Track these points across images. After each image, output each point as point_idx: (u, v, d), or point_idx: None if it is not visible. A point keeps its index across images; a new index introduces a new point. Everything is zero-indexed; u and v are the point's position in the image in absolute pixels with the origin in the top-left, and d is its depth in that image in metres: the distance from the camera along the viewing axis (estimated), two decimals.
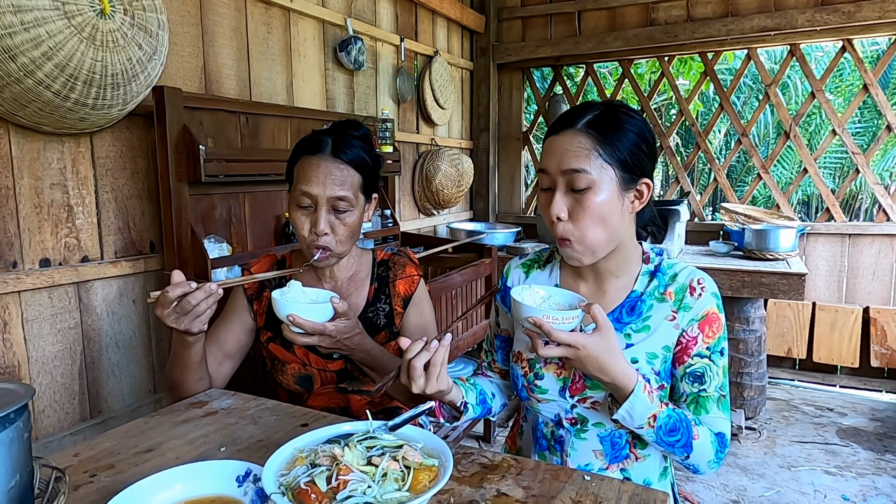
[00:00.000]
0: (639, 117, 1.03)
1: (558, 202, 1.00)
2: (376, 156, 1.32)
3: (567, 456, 1.10)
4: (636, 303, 1.08)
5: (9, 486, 0.66)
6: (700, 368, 1.04)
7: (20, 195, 1.61)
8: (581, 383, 1.08)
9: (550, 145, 1.02)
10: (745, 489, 2.45)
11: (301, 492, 0.73)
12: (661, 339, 1.05)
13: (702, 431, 1.01)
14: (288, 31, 2.47)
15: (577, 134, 0.99)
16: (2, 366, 1.58)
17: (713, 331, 1.04)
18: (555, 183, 1.01)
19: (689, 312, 1.05)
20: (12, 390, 0.74)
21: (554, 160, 1.00)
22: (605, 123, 0.99)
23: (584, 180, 0.97)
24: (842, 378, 3.53)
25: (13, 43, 1.38)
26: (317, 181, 1.21)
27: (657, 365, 1.05)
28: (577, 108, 1.03)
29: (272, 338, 1.34)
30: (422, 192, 3.50)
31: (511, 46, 4.03)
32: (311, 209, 1.23)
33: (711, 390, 1.04)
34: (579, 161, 0.97)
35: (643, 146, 1.01)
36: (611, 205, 0.99)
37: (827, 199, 3.55)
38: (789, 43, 3.45)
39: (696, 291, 1.05)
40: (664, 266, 1.10)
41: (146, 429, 1.07)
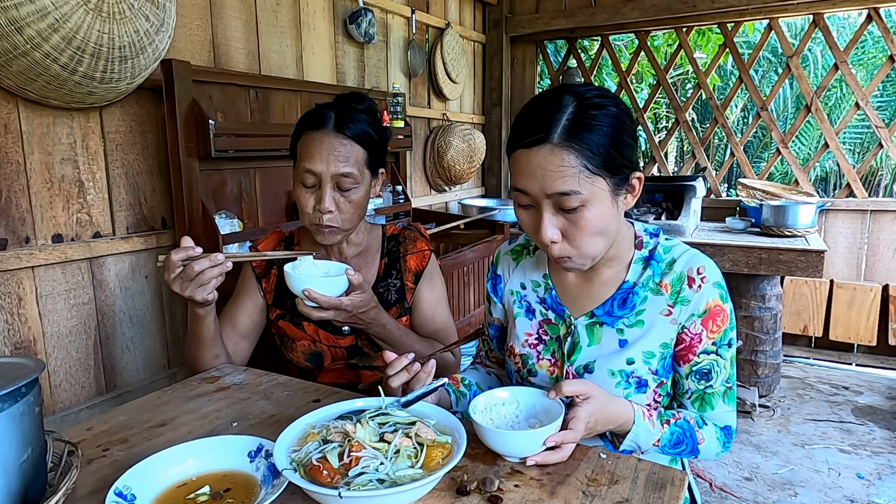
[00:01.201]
0: (612, 101, 0.89)
1: (549, 226, 0.89)
2: (382, 129, 1.28)
3: None
4: (628, 294, 1.00)
5: (21, 459, 0.66)
6: (707, 365, 0.98)
7: (31, 170, 1.60)
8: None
9: (524, 163, 0.87)
10: (757, 467, 2.44)
11: (313, 468, 0.72)
12: (657, 336, 0.98)
13: (706, 433, 0.98)
14: (297, 2, 2.42)
15: (557, 150, 0.85)
16: (17, 341, 1.59)
17: (718, 325, 0.97)
18: (538, 203, 0.89)
19: (688, 307, 0.96)
20: (23, 364, 0.73)
21: (535, 182, 0.87)
22: (582, 127, 0.85)
23: (575, 200, 0.86)
24: (858, 356, 3.49)
25: (19, 14, 1.35)
26: (320, 158, 1.17)
27: (654, 364, 0.99)
28: (541, 109, 0.88)
29: (281, 315, 1.33)
30: (433, 167, 3.46)
31: (524, 18, 3.94)
32: (316, 187, 1.20)
33: (718, 385, 1.00)
34: (566, 183, 0.85)
35: (626, 137, 0.89)
36: (605, 215, 0.89)
37: (848, 174, 3.47)
38: (813, 12, 3.34)
39: (696, 283, 0.96)
40: (659, 252, 1.01)
41: (159, 403, 1.07)
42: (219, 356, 1.24)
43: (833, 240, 3.47)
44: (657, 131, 7.70)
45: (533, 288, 1.11)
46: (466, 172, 3.57)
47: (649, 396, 1.01)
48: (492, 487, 0.78)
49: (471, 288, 2.45)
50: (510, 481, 0.81)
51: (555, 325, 1.07)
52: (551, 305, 1.07)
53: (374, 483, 0.71)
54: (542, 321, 1.09)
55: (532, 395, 0.95)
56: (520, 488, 0.79)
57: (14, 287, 1.58)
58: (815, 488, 2.28)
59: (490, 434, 0.84)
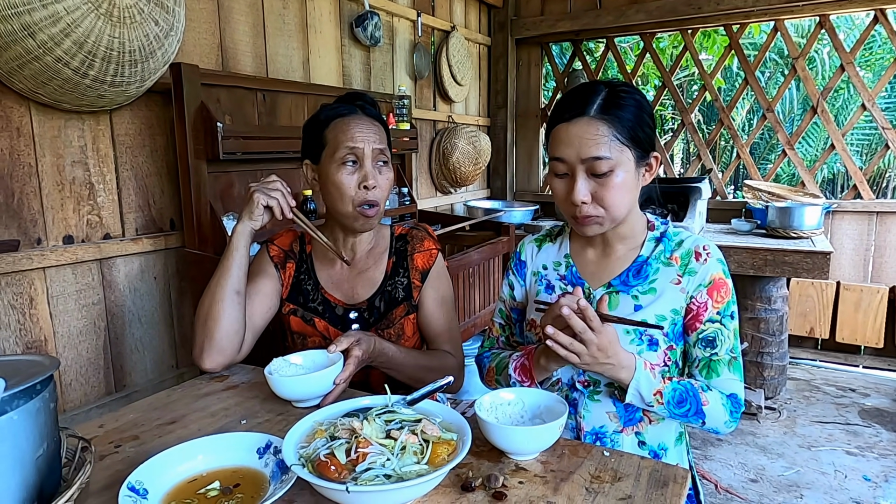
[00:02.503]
0: (637, 91, 1.06)
1: (581, 188, 1.02)
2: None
3: (581, 418, 1.11)
4: (642, 266, 1.11)
5: (36, 454, 0.68)
6: (712, 333, 1.07)
7: (42, 172, 1.63)
8: None
9: (564, 134, 1.03)
10: (763, 468, 2.43)
11: (321, 463, 0.73)
12: (668, 301, 1.08)
13: (711, 397, 1.04)
14: (304, 6, 2.44)
15: (592, 121, 1.01)
16: (29, 341, 1.62)
17: (721, 296, 1.07)
18: (574, 170, 1.03)
19: (695, 277, 1.08)
20: (38, 362, 0.75)
21: (573, 149, 1.02)
22: (615, 105, 1.02)
23: (606, 165, 1.00)
24: (865, 359, 3.48)
25: (32, 20, 1.38)
26: (361, 136, 1.23)
27: (665, 326, 1.08)
28: (579, 93, 1.05)
29: (293, 310, 1.35)
30: (439, 169, 3.48)
31: (530, 21, 3.95)
32: (357, 165, 1.24)
33: (723, 353, 1.07)
34: (599, 148, 1.00)
35: (647, 119, 1.05)
36: (629, 182, 1.04)
37: (854, 175, 3.46)
38: (818, 14, 3.34)
39: (702, 257, 1.08)
40: (670, 233, 1.14)
41: (169, 402, 1.09)
42: (240, 293, 1.20)
43: (839, 241, 3.46)
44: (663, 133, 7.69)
45: (554, 268, 1.21)
46: (472, 174, 3.58)
47: (659, 356, 1.08)
48: (496, 484, 0.79)
49: (476, 289, 2.46)
50: (514, 478, 0.82)
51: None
52: (571, 280, 1.18)
53: (381, 478, 0.72)
54: (561, 294, 1.13)
55: (537, 396, 0.96)
56: (524, 485, 0.80)
57: (26, 287, 1.60)
58: (822, 490, 2.28)
59: (495, 431, 0.85)
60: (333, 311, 1.33)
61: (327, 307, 1.33)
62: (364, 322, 1.33)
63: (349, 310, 1.33)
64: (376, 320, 1.33)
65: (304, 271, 1.36)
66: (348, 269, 1.36)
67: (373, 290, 1.34)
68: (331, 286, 1.35)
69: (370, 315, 1.33)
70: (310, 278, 1.35)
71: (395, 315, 1.33)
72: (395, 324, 1.33)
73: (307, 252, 1.38)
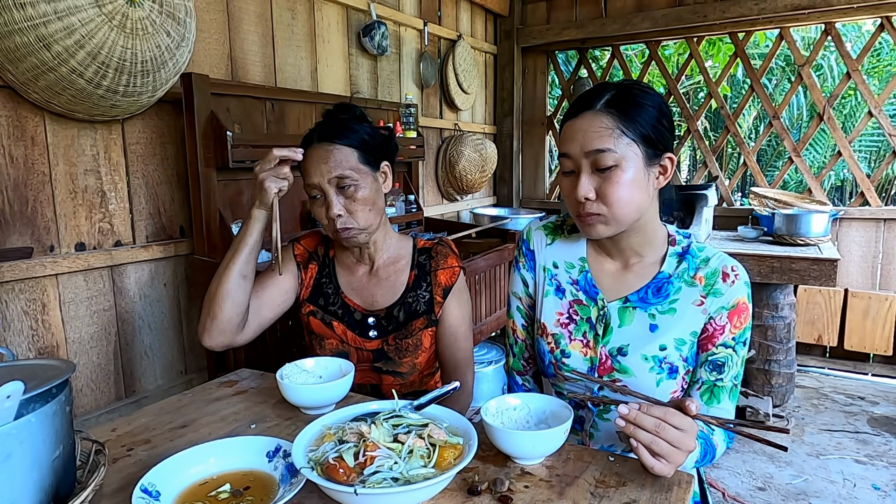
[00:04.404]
0: (654, 92, 1.02)
1: (585, 183, 0.98)
2: (374, 129, 1.32)
3: (589, 437, 1.10)
4: (663, 284, 1.06)
5: (53, 456, 0.69)
6: (722, 358, 1.02)
7: (56, 181, 1.65)
8: (608, 364, 1.07)
9: (570, 129, 1.01)
10: (771, 476, 2.42)
11: (330, 467, 0.75)
12: (688, 324, 1.04)
13: (718, 439, 1.00)
14: (312, 16, 2.47)
15: (598, 114, 0.98)
16: (41, 346, 1.64)
17: (741, 321, 1.03)
18: (579, 165, 0.99)
19: (720, 299, 1.02)
20: (54, 366, 0.77)
21: (576, 143, 0.99)
22: (623, 101, 0.98)
23: (610, 158, 0.96)
24: (874, 366, 3.45)
25: (47, 31, 1.41)
26: (314, 170, 1.23)
27: (685, 351, 1.04)
28: (592, 90, 1.02)
29: (313, 312, 1.37)
30: (445, 177, 3.50)
31: (535, 29, 3.98)
32: (321, 197, 1.25)
33: (727, 380, 1.03)
34: (603, 141, 0.96)
35: (663, 120, 1.00)
36: (637, 181, 0.98)
37: (861, 182, 3.45)
38: (824, 21, 3.34)
39: (730, 278, 1.03)
40: (694, 249, 1.08)
41: (179, 406, 1.11)
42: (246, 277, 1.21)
43: (847, 248, 3.45)
44: None
45: (566, 269, 1.15)
46: (478, 182, 3.60)
47: (678, 383, 1.05)
48: (502, 488, 0.80)
49: (483, 296, 2.47)
50: (520, 482, 0.83)
51: (585, 307, 1.11)
52: (584, 287, 1.12)
53: (389, 481, 0.73)
54: (573, 301, 1.12)
55: (542, 402, 0.97)
56: (529, 489, 0.81)
57: (39, 294, 1.63)
58: (830, 499, 2.26)
59: (501, 435, 0.86)
60: (352, 315, 1.35)
61: (346, 311, 1.36)
62: (382, 329, 1.35)
63: (367, 316, 1.35)
64: (394, 329, 1.35)
65: (325, 274, 1.39)
66: (369, 275, 1.38)
67: (393, 300, 1.35)
68: (351, 291, 1.37)
69: (388, 323, 1.35)
70: (331, 282, 1.38)
71: (415, 327, 1.34)
72: (413, 335, 1.34)
73: (330, 256, 1.41)
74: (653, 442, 0.79)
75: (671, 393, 1.04)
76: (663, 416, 0.80)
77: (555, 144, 4.33)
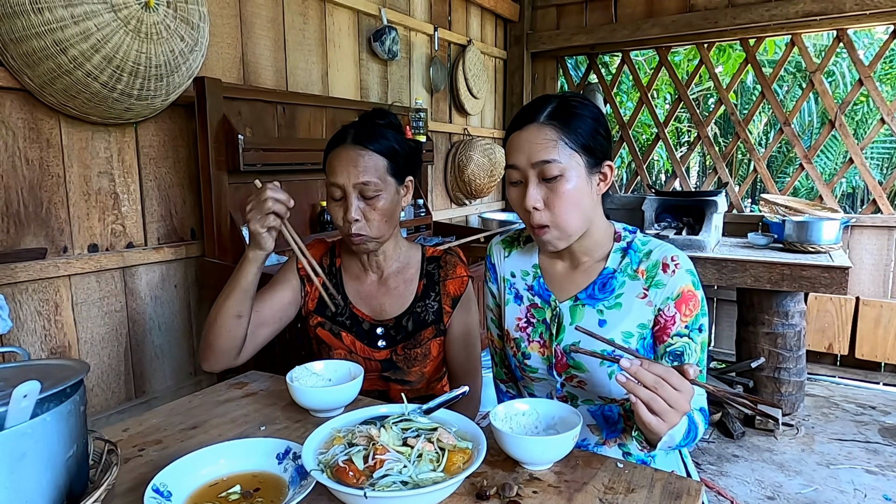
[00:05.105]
0: (592, 104, 1.07)
1: (533, 193, 1.03)
2: (405, 140, 1.32)
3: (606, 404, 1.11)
4: (608, 279, 1.10)
5: (67, 455, 0.70)
6: (679, 347, 1.05)
7: (70, 183, 1.67)
8: (564, 361, 1.11)
9: (516, 141, 1.05)
10: (780, 486, 2.40)
11: (339, 469, 0.75)
12: (635, 317, 1.07)
13: (697, 418, 1.01)
14: (323, 21, 2.49)
15: (542, 127, 1.02)
16: (54, 346, 1.66)
17: (690, 309, 1.05)
18: (525, 176, 1.04)
19: (663, 290, 1.05)
20: (69, 366, 0.78)
21: (523, 154, 1.03)
22: (564, 113, 1.03)
23: (555, 169, 1.01)
24: (885, 375, 3.42)
25: (64, 36, 1.43)
26: (341, 170, 1.23)
27: (633, 343, 1.07)
28: (533, 104, 1.07)
29: (321, 323, 1.37)
30: (454, 181, 3.50)
31: (545, 35, 3.99)
32: (342, 199, 1.25)
33: None
34: (548, 152, 1.01)
35: (601, 130, 1.05)
36: (581, 189, 1.03)
37: (873, 190, 3.42)
38: (836, 28, 3.33)
39: (670, 268, 1.06)
40: (637, 243, 1.11)
41: (190, 407, 1.11)
42: (241, 317, 1.21)
43: (859, 256, 3.42)
44: (678, 146, 7.66)
45: (522, 276, 1.21)
46: (486, 186, 3.61)
47: None
48: (510, 493, 0.80)
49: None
50: (528, 487, 0.83)
51: (541, 309, 1.16)
52: (538, 291, 1.17)
53: (398, 485, 0.74)
54: (529, 305, 1.18)
55: (551, 407, 0.97)
56: (538, 494, 0.81)
57: (52, 294, 1.64)
58: None
59: (509, 440, 0.86)
60: (360, 325, 1.35)
61: (355, 322, 1.35)
62: (390, 339, 1.35)
63: (376, 325, 1.35)
64: (403, 338, 1.34)
65: (332, 285, 1.37)
66: (377, 284, 1.37)
67: (402, 310, 1.35)
68: (359, 301, 1.37)
69: (397, 333, 1.35)
70: (338, 292, 1.37)
71: (424, 336, 1.34)
72: (422, 345, 1.34)
73: (337, 266, 1.40)
74: (651, 399, 0.81)
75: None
76: (663, 374, 0.82)
77: None
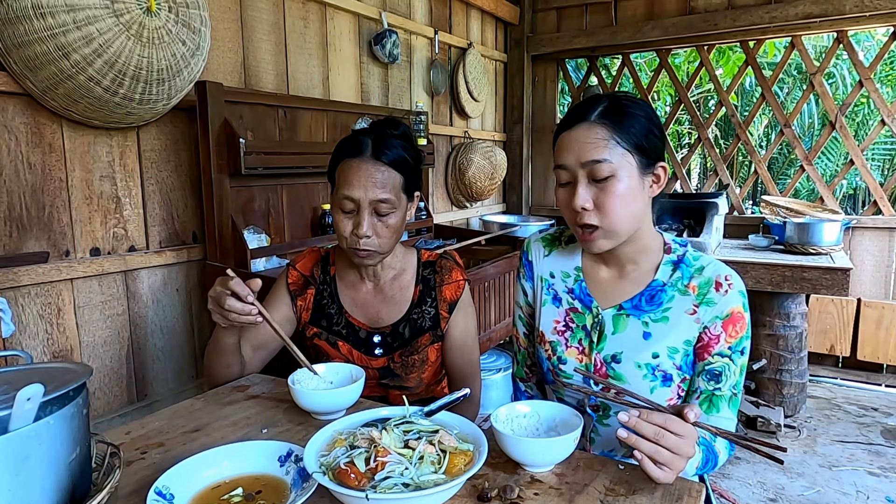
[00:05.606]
0: (645, 103, 1.04)
1: (582, 194, 1.00)
2: (417, 154, 1.30)
3: (590, 442, 1.11)
4: (657, 292, 1.07)
5: (70, 458, 0.70)
6: (719, 367, 1.03)
7: (72, 187, 1.68)
8: (603, 370, 1.08)
9: (566, 140, 1.02)
10: (783, 488, 2.40)
11: (341, 472, 0.75)
12: (681, 333, 1.04)
13: (720, 446, 1.00)
14: (324, 25, 2.50)
15: (593, 126, 0.99)
16: (56, 350, 1.66)
17: (736, 330, 1.03)
18: (575, 176, 1.01)
19: (713, 309, 1.03)
20: (72, 369, 0.78)
21: (572, 154, 1.00)
22: (616, 112, 1.00)
23: (606, 169, 0.98)
24: (888, 377, 3.41)
25: (66, 41, 1.44)
26: (358, 184, 1.20)
27: (678, 359, 1.04)
28: (584, 103, 1.04)
29: (318, 333, 1.36)
30: (455, 184, 3.51)
31: (546, 38, 4.00)
32: (354, 212, 1.22)
33: (725, 389, 1.03)
34: (599, 151, 0.98)
35: (654, 129, 1.02)
36: (633, 190, 1.00)
37: (875, 191, 3.43)
38: (836, 30, 3.33)
39: (723, 287, 1.03)
40: (689, 258, 1.08)
41: (192, 410, 1.12)
42: (231, 367, 1.25)
43: (860, 258, 3.42)
44: (679, 148, 7.66)
45: (562, 278, 1.17)
46: (487, 189, 3.61)
47: (673, 391, 1.05)
48: (511, 495, 0.80)
49: (492, 303, 2.47)
50: (530, 489, 0.83)
51: (581, 314, 1.13)
52: (579, 295, 1.14)
53: (399, 487, 0.74)
54: (569, 309, 1.15)
55: (552, 409, 0.97)
56: (539, 496, 0.81)
57: (54, 298, 1.65)
58: None
59: (511, 442, 0.86)
60: (357, 334, 1.35)
61: (351, 330, 1.35)
62: (387, 346, 1.35)
63: (372, 333, 1.34)
64: (400, 345, 1.34)
65: (327, 295, 1.36)
66: (373, 292, 1.36)
67: (398, 317, 1.34)
68: (354, 309, 1.36)
69: (394, 340, 1.34)
70: (333, 301, 1.36)
71: (421, 343, 1.34)
72: (419, 351, 1.34)
73: (331, 275, 1.38)
74: (655, 452, 0.79)
75: (667, 400, 1.05)
76: (663, 423, 0.80)
77: None
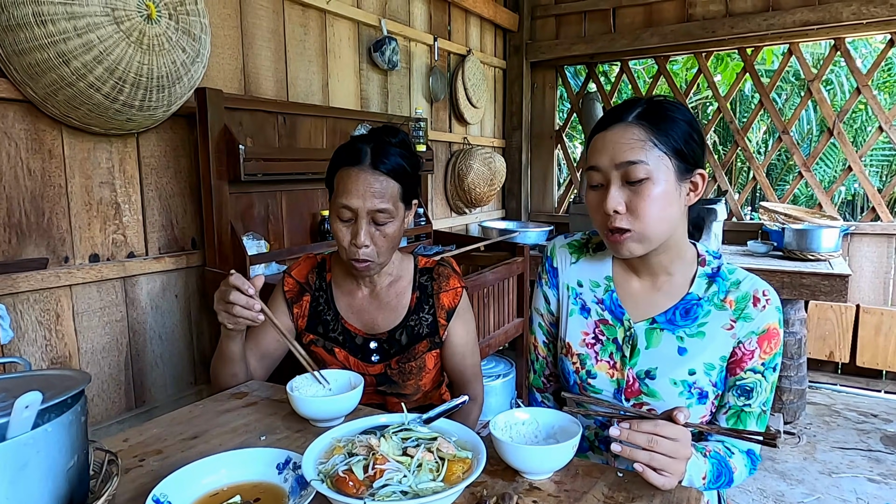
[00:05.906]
0: (685, 108, 1.00)
1: (615, 196, 0.95)
2: (416, 162, 1.29)
3: (614, 457, 1.09)
4: (692, 306, 1.04)
5: (68, 465, 0.70)
6: (751, 383, 1.01)
7: (72, 193, 1.68)
8: (636, 387, 1.05)
9: (601, 141, 0.98)
10: (782, 494, 2.39)
11: (339, 479, 0.75)
12: (718, 348, 1.02)
13: (737, 462, 0.99)
14: (324, 32, 2.51)
15: (630, 126, 0.95)
16: (55, 356, 1.66)
17: (771, 346, 1.01)
18: (608, 178, 0.97)
19: (750, 324, 1.00)
20: (70, 376, 0.78)
21: (606, 155, 0.96)
22: (655, 114, 0.96)
23: (641, 171, 0.93)
24: (887, 383, 3.41)
25: (67, 48, 1.44)
26: (356, 194, 1.19)
27: (714, 376, 1.02)
28: (623, 104, 1.01)
29: (314, 340, 1.36)
30: (454, 190, 3.51)
31: (545, 44, 4.01)
32: (352, 221, 1.22)
33: (755, 406, 1.02)
34: (635, 153, 0.94)
35: (694, 135, 0.98)
36: (669, 195, 0.95)
37: (873, 197, 3.44)
38: (833, 37, 3.35)
39: (761, 302, 1.01)
40: (724, 271, 1.05)
41: (191, 417, 1.12)
42: (237, 375, 1.27)
43: (859, 264, 3.43)
44: None
45: (591, 287, 1.12)
46: (487, 195, 3.62)
47: (707, 408, 1.03)
48: (510, 502, 0.80)
49: (491, 309, 2.47)
50: (528, 497, 0.83)
51: (612, 327, 1.08)
52: (609, 307, 1.09)
53: (398, 494, 0.74)
54: (599, 321, 1.10)
55: (551, 417, 0.97)
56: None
57: (53, 304, 1.65)
58: None
59: (509, 450, 0.86)
60: (353, 340, 1.34)
61: (347, 337, 1.34)
62: (384, 353, 1.34)
63: (369, 339, 1.34)
64: (397, 352, 1.34)
65: (323, 301, 1.36)
66: (369, 298, 1.36)
67: (395, 323, 1.34)
68: (351, 315, 1.36)
69: (390, 346, 1.34)
70: (329, 308, 1.36)
71: (418, 350, 1.33)
72: (417, 358, 1.33)
73: (327, 281, 1.38)
74: (650, 459, 0.80)
75: (700, 418, 1.02)
76: (654, 429, 0.80)
77: (563, 158, 4.35)
